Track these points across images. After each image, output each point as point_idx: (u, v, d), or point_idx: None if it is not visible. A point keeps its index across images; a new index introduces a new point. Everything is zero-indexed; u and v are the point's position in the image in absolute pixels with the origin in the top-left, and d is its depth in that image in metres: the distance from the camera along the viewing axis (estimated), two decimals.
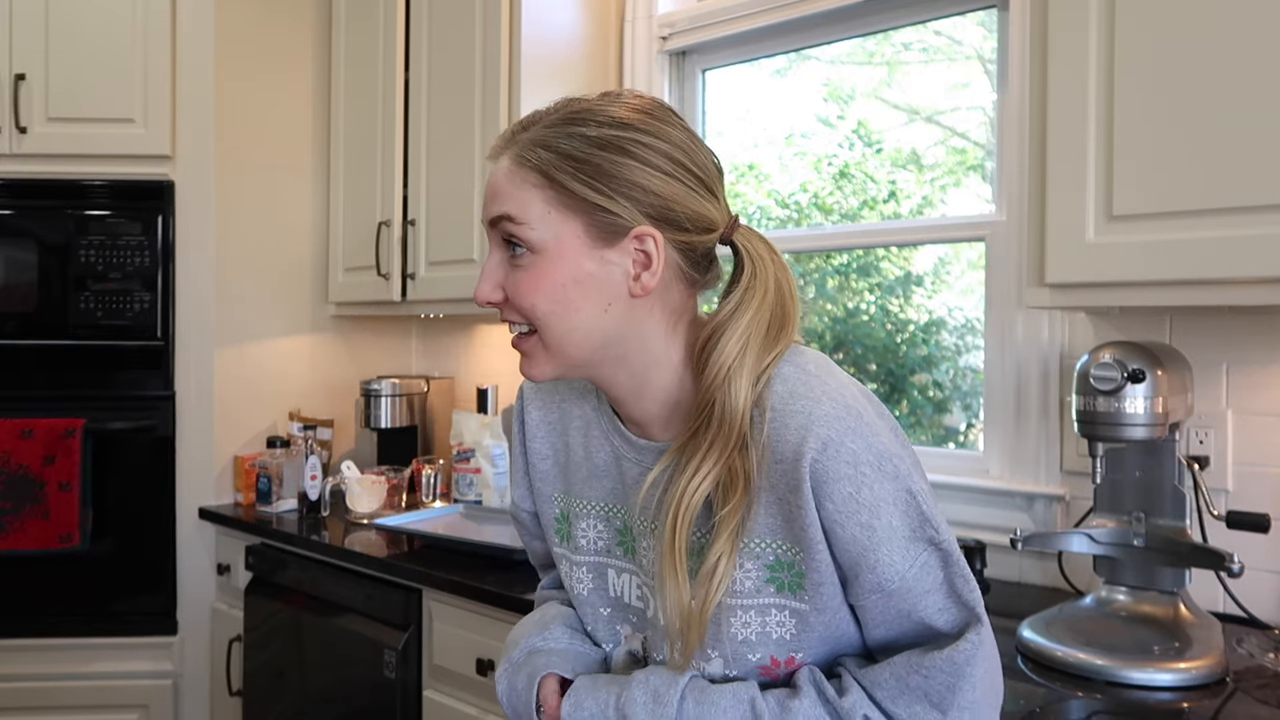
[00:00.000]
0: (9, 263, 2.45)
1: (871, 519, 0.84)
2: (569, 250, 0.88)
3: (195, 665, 2.53)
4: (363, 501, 2.42)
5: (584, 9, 2.41)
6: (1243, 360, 1.58)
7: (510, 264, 0.91)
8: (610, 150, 0.88)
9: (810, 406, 0.86)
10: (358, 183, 2.68)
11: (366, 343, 2.93)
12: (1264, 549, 1.53)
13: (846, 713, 0.87)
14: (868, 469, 0.84)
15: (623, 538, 1.01)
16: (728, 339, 0.88)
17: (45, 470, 2.37)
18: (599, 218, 0.88)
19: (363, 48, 2.66)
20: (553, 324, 0.89)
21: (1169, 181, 1.33)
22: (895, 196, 2.21)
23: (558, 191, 0.88)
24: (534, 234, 0.88)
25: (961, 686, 0.86)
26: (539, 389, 1.07)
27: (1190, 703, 1.24)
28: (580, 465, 1.02)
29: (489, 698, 1.83)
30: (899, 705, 0.87)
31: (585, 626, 1.05)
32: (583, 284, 0.89)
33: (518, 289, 0.90)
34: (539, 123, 0.92)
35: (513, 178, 0.90)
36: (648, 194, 0.88)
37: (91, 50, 2.45)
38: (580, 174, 0.87)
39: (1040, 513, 1.79)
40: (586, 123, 0.89)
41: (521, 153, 0.90)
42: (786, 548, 0.89)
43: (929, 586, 0.87)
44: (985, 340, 1.92)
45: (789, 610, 0.90)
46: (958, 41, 2.10)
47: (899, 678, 0.88)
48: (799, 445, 0.84)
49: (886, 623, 0.90)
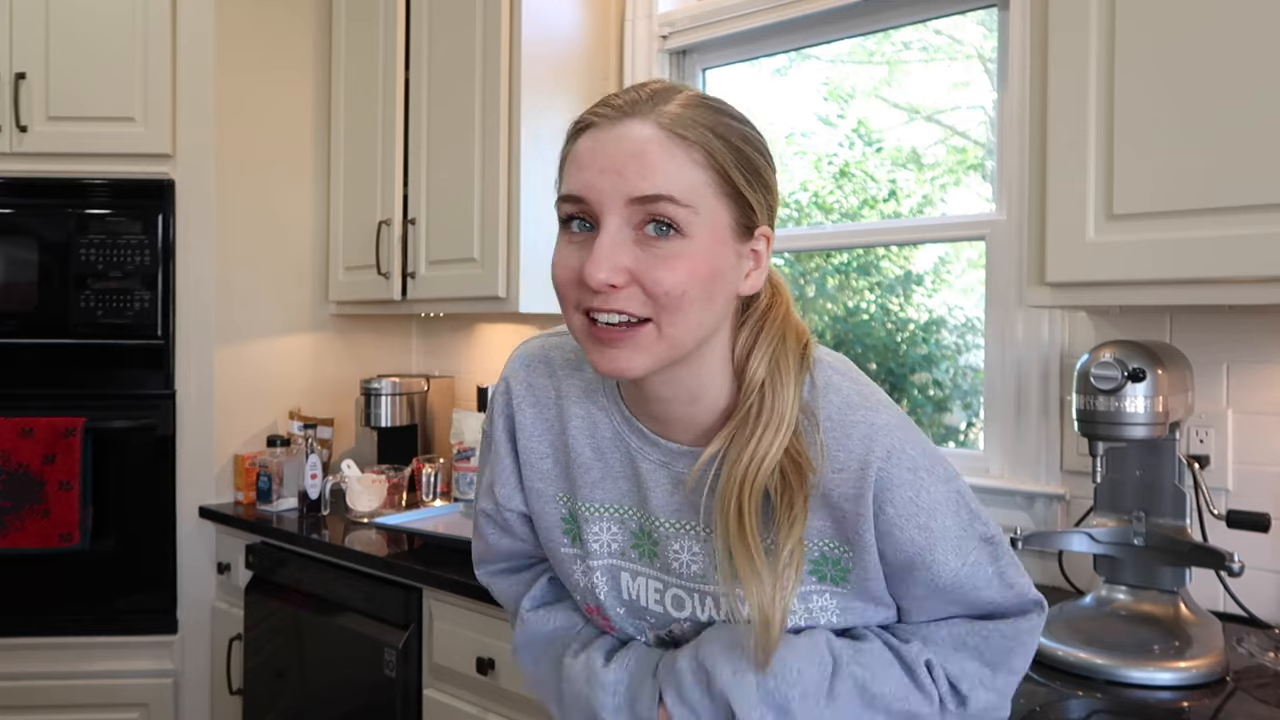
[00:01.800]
0: (9, 261, 2.45)
1: (929, 520, 0.87)
2: (721, 240, 0.84)
3: (195, 664, 2.53)
4: (363, 500, 2.43)
5: (584, 8, 2.41)
6: (1243, 359, 1.58)
7: (645, 244, 0.81)
8: (752, 146, 0.87)
9: (871, 416, 0.88)
10: (358, 181, 2.68)
11: (367, 341, 2.93)
12: (1264, 548, 1.53)
13: (913, 657, 0.91)
14: (925, 474, 0.87)
15: (638, 540, 0.98)
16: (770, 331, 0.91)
17: (45, 469, 2.37)
18: (744, 212, 0.86)
19: (363, 46, 2.66)
20: (690, 315, 0.83)
21: (1169, 180, 1.33)
22: (895, 195, 2.21)
23: (719, 176, 0.83)
24: (696, 218, 0.81)
25: (1017, 652, 0.92)
26: (531, 384, 1.02)
27: (1190, 702, 1.24)
28: (589, 467, 0.98)
29: (489, 696, 1.84)
30: (951, 661, 0.92)
31: (612, 625, 1.03)
32: (723, 276, 0.85)
33: (657, 273, 0.81)
34: (671, 99, 0.83)
35: (672, 153, 0.81)
36: (770, 194, 0.88)
37: (92, 49, 2.45)
38: (739, 163, 0.84)
39: (1040, 512, 1.79)
40: (725, 114, 0.86)
41: (678, 127, 0.81)
42: (834, 545, 0.91)
43: (981, 582, 0.91)
44: (985, 339, 1.92)
45: (830, 594, 0.92)
46: (958, 40, 2.10)
47: (956, 636, 0.92)
48: (865, 455, 0.86)
49: (932, 609, 0.94)
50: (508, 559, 1.12)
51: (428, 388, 2.80)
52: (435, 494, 2.50)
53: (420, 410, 2.77)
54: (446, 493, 2.53)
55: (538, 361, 1.03)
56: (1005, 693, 0.94)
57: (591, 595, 1.01)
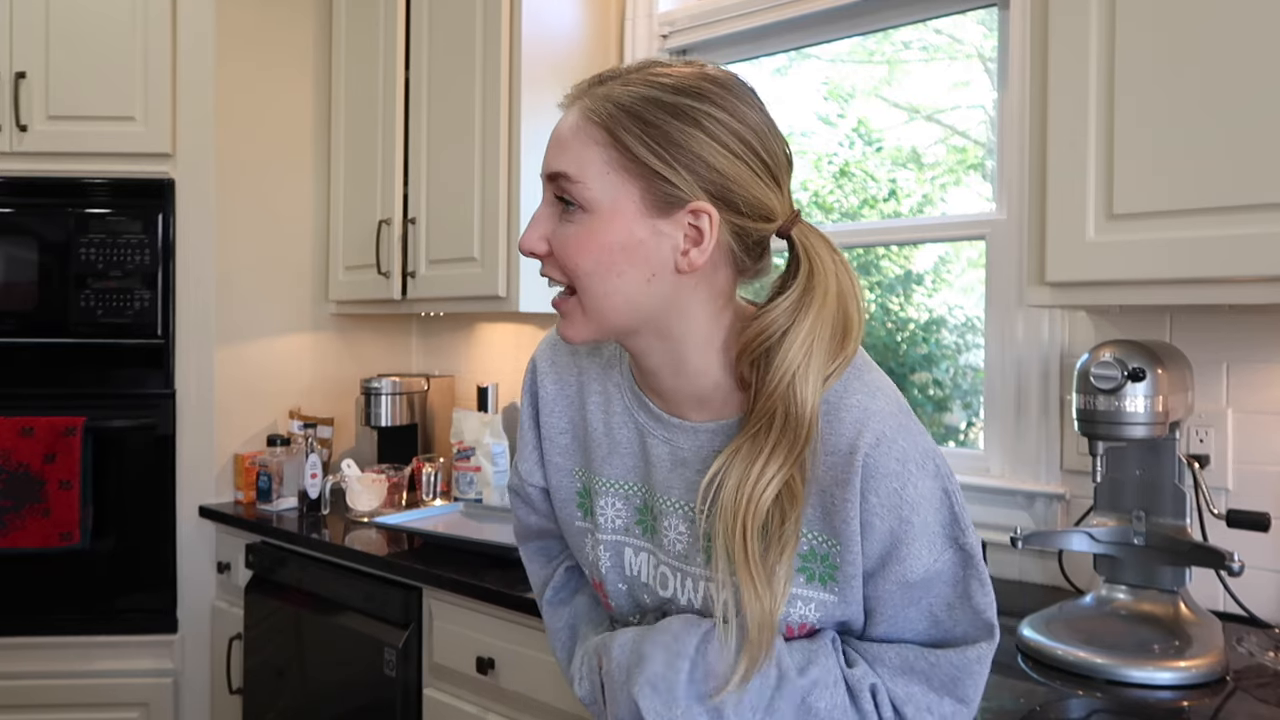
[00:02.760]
0: (9, 261, 2.45)
1: (910, 514, 0.86)
2: (622, 214, 0.86)
3: (195, 663, 2.53)
4: (363, 500, 2.43)
5: (585, 7, 2.40)
6: (1243, 359, 1.58)
7: (561, 218, 0.88)
8: (682, 119, 0.85)
9: (865, 401, 0.87)
10: (358, 181, 2.68)
11: (367, 341, 2.93)
12: (1264, 547, 1.53)
13: (857, 681, 0.90)
14: (914, 466, 0.86)
15: (641, 516, 1.00)
16: (791, 342, 0.85)
17: (46, 468, 2.37)
18: (658, 186, 0.85)
19: (363, 46, 2.66)
20: (593, 286, 0.87)
21: (1169, 180, 1.33)
22: (895, 195, 2.21)
23: (620, 152, 0.85)
24: (589, 193, 0.86)
25: (965, 681, 0.90)
26: (555, 362, 1.05)
27: (1190, 701, 1.24)
28: (600, 441, 1.01)
29: (489, 696, 1.84)
30: (897, 683, 0.91)
31: (610, 602, 1.05)
32: (630, 250, 0.86)
33: (564, 245, 0.87)
34: (617, 78, 0.89)
35: (578, 132, 0.87)
36: (711, 170, 0.85)
37: (92, 48, 2.45)
38: (647, 138, 0.85)
39: (1040, 511, 1.79)
40: (664, 87, 0.86)
41: (592, 106, 0.87)
42: (822, 539, 0.90)
43: (947, 582, 0.89)
44: (985, 339, 1.92)
45: (815, 603, 0.91)
46: (958, 40, 2.10)
47: (904, 659, 0.91)
48: (854, 439, 0.85)
49: (897, 616, 0.91)
50: (539, 538, 1.16)
51: (428, 387, 2.80)
52: (435, 493, 2.50)
53: (420, 410, 2.77)
54: (446, 492, 2.53)
55: (561, 342, 1.06)
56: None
57: (596, 570, 1.04)
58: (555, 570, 1.16)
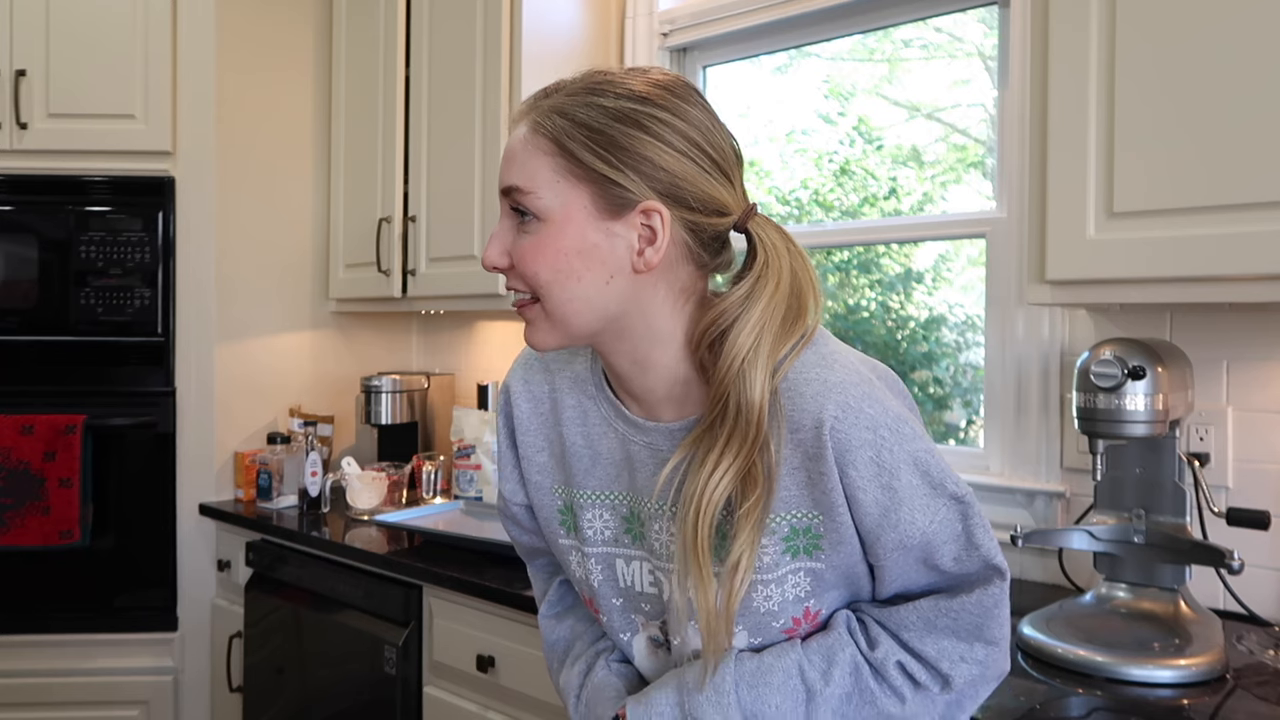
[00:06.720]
0: (9, 259, 2.45)
1: (893, 480, 0.86)
2: (574, 220, 0.88)
3: (195, 661, 2.53)
4: (363, 498, 2.43)
5: (585, 5, 2.40)
6: (1243, 357, 1.58)
7: (518, 230, 0.91)
8: (626, 123, 0.87)
9: (824, 374, 0.87)
10: (358, 179, 2.68)
11: (367, 339, 2.93)
12: (1264, 546, 1.53)
13: (880, 664, 0.92)
14: (886, 432, 0.86)
15: (629, 525, 1.01)
16: (739, 329, 0.87)
17: (46, 466, 2.37)
18: (607, 189, 0.87)
19: (364, 43, 2.65)
20: (554, 292, 0.89)
21: (1170, 178, 1.33)
22: (896, 193, 2.21)
23: (568, 160, 0.88)
24: (540, 202, 0.88)
25: (989, 624, 0.92)
26: (528, 381, 1.06)
27: (1190, 699, 1.24)
28: (580, 455, 1.02)
29: (489, 694, 1.84)
30: (927, 643, 0.92)
31: (601, 617, 1.05)
32: (586, 254, 0.88)
33: (523, 256, 0.90)
34: (561, 90, 0.91)
35: (526, 145, 0.90)
36: (658, 170, 0.87)
37: (92, 46, 2.45)
38: (592, 144, 0.87)
39: (1040, 509, 1.79)
40: (606, 93, 0.89)
41: (539, 119, 0.90)
42: (805, 513, 0.90)
43: (949, 537, 0.90)
44: (986, 337, 1.92)
45: (804, 570, 0.92)
46: (958, 38, 2.10)
47: (925, 619, 0.92)
48: (818, 413, 0.86)
49: (905, 576, 0.93)
50: (539, 555, 1.17)
51: (428, 385, 2.80)
52: (435, 491, 2.50)
53: (420, 407, 2.77)
54: (447, 490, 2.53)
55: (534, 360, 1.07)
56: (986, 664, 0.93)
57: (587, 585, 1.04)
58: (552, 585, 1.17)
